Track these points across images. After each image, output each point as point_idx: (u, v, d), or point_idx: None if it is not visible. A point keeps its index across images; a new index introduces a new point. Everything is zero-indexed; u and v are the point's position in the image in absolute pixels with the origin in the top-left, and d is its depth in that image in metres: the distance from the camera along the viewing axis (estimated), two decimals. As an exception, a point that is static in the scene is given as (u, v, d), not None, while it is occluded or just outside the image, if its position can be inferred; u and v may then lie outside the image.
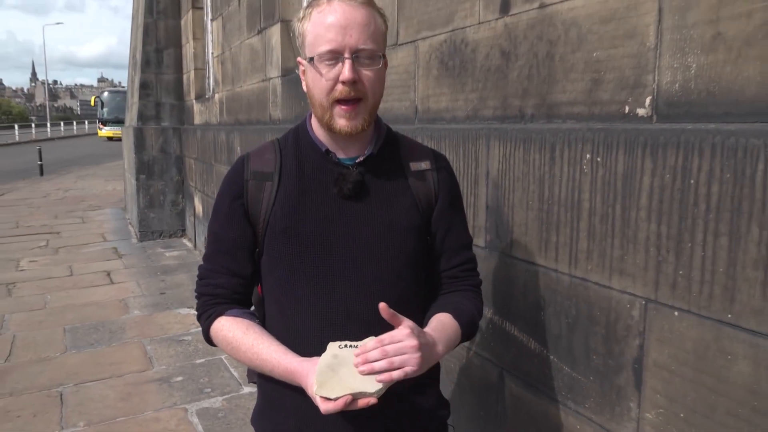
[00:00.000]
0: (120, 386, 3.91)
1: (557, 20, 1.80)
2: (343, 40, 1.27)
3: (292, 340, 1.36)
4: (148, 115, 8.96)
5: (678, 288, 1.43)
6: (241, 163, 1.44)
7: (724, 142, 1.30)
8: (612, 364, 1.64)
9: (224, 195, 1.43)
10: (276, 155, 1.42)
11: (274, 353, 1.31)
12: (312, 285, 1.37)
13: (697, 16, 1.38)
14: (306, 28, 1.32)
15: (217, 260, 1.42)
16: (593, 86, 1.69)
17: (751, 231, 1.25)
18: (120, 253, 7.86)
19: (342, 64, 1.27)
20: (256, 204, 1.39)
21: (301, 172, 1.39)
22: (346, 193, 1.36)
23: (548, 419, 1.90)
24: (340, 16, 1.27)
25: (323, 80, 1.30)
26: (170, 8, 8.96)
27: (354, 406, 1.15)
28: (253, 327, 1.38)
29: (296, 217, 1.36)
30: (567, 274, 1.78)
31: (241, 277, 1.42)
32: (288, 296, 1.39)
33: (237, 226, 1.41)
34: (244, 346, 1.35)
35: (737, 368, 1.30)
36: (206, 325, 1.42)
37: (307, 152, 1.41)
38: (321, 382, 1.16)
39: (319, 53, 1.28)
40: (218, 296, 1.41)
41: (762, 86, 1.26)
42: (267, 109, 5.05)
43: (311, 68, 1.31)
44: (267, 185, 1.39)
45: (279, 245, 1.38)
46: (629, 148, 1.54)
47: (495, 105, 2.12)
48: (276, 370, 1.31)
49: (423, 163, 1.47)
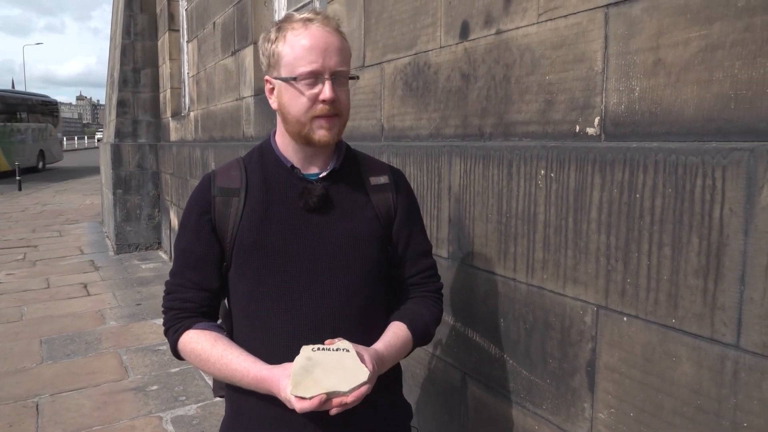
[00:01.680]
0: (96, 396, 3.80)
1: (513, 45, 1.83)
2: (324, 63, 1.29)
3: (260, 350, 1.33)
4: (125, 132, 8.82)
5: (626, 295, 1.45)
6: (207, 180, 1.42)
7: (666, 160, 1.33)
8: (567, 368, 1.65)
9: (191, 211, 1.41)
10: (242, 172, 1.41)
11: (243, 362, 1.29)
12: (279, 296, 1.36)
13: (640, 44, 1.42)
14: (281, 50, 1.31)
15: (185, 275, 1.40)
16: (546, 107, 1.72)
17: (691, 242, 1.28)
18: (97, 266, 7.69)
19: (322, 84, 1.29)
20: (223, 219, 1.37)
21: (267, 188, 1.39)
22: (312, 206, 1.36)
23: (508, 421, 1.91)
24: (320, 40, 1.29)
25: (303, 98, 1.30)
26: (147, 30, 8.87)
27: (328, 405, 1.17)
28: (221, 339, 1.36)
29: (263, 230, 1.35)
30: (524, 283, 1.80)
31: (208, 291, 1.40)
32: (256, 307, 1.38)
33: (205, 241, 1.38)
34: (213, 357, 1.32)
35: (681, 369, 1.33)
36: (174, 338, 1.38)
37: (273, 168, 1.41)
38: (296, 382, 1.16)
39: (300, 73, 1.29)
40: (186, 310, 1.38)
41: (699, 108, 1.30)
42: (240, 126, 5.01)
43: (289, 87, 1.31)
44: (234, 201, 1.38)
45: (247, 259, 1.36)
46: (580, 164, 1.57)
47: (456, 124, 2.14)
48: (245, 379, 1.29)
49: (381, 177, 1.48)
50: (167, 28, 8.01)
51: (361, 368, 1.20)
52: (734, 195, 1.19)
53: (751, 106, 1.19)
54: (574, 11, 1.60)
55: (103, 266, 7.67)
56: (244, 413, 1.42)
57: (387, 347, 1.38)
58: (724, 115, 1.25)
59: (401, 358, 1.45)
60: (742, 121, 1.21)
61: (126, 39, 8.77)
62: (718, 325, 1.24)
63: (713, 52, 1.26)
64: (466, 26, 2.05)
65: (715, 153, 1.23)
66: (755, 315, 1.17)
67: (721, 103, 1.25)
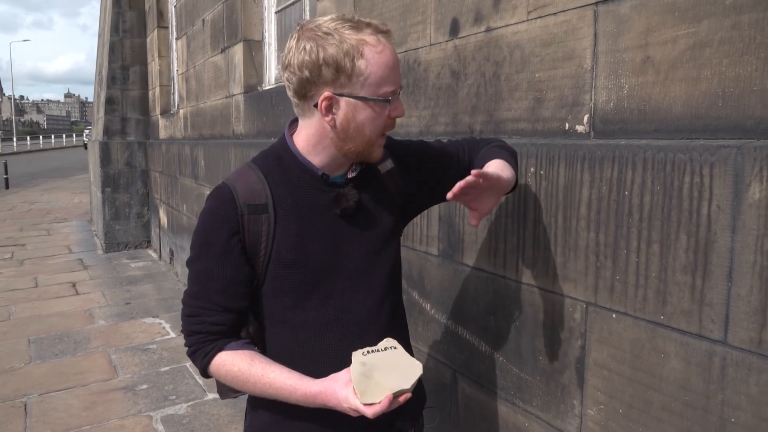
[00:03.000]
0: (85, 395, 3.78)
1: (503, 43, 1.84)
2: (399, 80, 1.26)
3: (307, 361, 1.31)
4: (113, 129, 8.76)
5: (615, 292, 1.46)
6: (229, 195, 1.29)
7: (654, 157, 1.34)
8: (556, 364, 1.66)
9: (216, 231, 1.29)
10: (264, 185, 1.30)
11: (288, 380, 1.26)
12: (326, 307, 1.33)
13: (628, 41, 1.42)
14: (363, 67, 1.19)
15: (211, 298, 1.30)
16: (536, 104, 1.72)
17: (679, 238, 1.29)
18: (85, 265, 7.64)
19: (395, 102, 1.26)
20: (255, 238, 1.29)
21: (296, 200, 1.31)
22: (349, 212, 1.32)
23: (498, 417, 1.91)
24: (395, 58, 1.24)
25: (383, 118, 1.25)
26: (136, 27, 8.81)
27: (396, 403, 1.17)
28: (257, 356, 1.31)
29: (302, 247, 1.30)
30: (514, 280, 1.80)
31: (236, 312, 1.33)
32: (300, 320, 1.33)
33: (234, 263, 1.29)
34: (253, 377, 1.27)
35: (670, 365, 1.34)
36: (205, 362, 1.32)
37: (299, 177, 1.32)
38: (362, 391, 1.16)
39: (385, 93, 1.22)
40: (215, 333, 1.31)
41: (687, 106, 1.30)
42: (230, 124, 4.99)
43: (367, 107, 1.22)
44: (263, 218, 1.29)
45: (286, 276, 1.31)
46: (569, 162, 1.57)
47: (446, 121, 2.14)
48: (293, 396, 1.25)
49: (387, 162, 1.44)
50: (156, 25, 7.96)
51: (413, 362, 1.22)
52: (722, 192, 1.20)
53: (738, 104, 1.20)
54: (563, 9, 1.61)
55: (92, 265, 7.62)
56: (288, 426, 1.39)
57: (497, 169, 1.37)
58: (712, 113, 1.25)
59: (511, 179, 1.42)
60: (730, 119, 1.22)
61: (114, 36, 8.71)
62: (705, 321, 1.25)
63: (701, 50, 1.26)
64: (456, 24, 2.05)
65: (703, 150, 1.23)
66: (742, 311, 1.18)
67: (709, 100, 1.25)
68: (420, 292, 2.30)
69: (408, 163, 1.48)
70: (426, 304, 2.27)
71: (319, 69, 1.18)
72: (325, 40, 1.18)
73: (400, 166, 1.46)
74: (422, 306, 2.30)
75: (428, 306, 2.26)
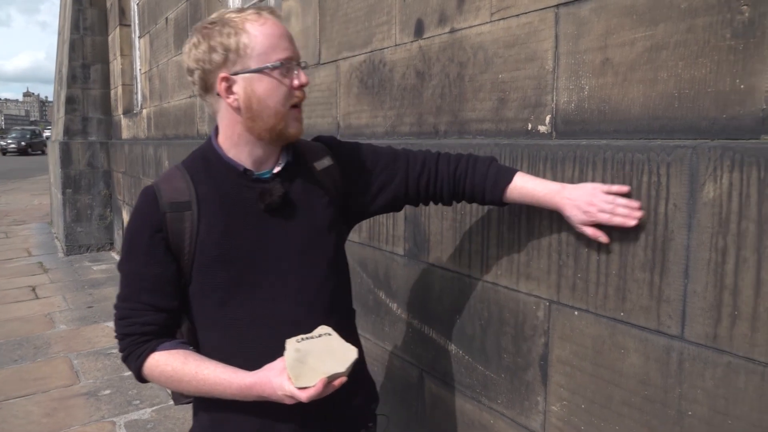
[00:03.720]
0: (45, 402, 3.68)
1: (466, 44, 1.85)
2: (294, 50, 1.28)
3: (237, 358, 1.29)
4: (74, 129, 8.54)
5: (577, 290, 1.48)
6: (152, 195, 1.31)
7: (614, 157, 1.36)
8: (521, 362, 1.68)
9: (140, 231, 1.31)
10: (188, 183, 1.32)
11: (222, 374, 1.25)
12: (255, 303, 1.32)
13: (588, 43, 1.45)
14: (247, 41, 1.23)
15: (140, 299, 1.30)
16: (499, 105, 1.74)
17: (638, 236, 1.32)
18: (46, 268, 7.43)
19: (294, 71, 1.28)
20: (178, 236, 1.29)
21: (220, 196, 1.32)
22: (273, 207, 1.32)
23: (465, 415, 1.92)
24: (283, 29, 1.28)
25: (283, 87, 1.26)
26: (97, 25, 8.60)
27: (331, 388, 1.17)
28: (191, 354, 1.30)
29: (226, 242, 1.30)
30: (479, 279, 1.82)
31: (167, 312, 1.32)
32: (230, 317, 1.32)
33: (160, 261, 1.29)
34: (187, 375, 1.26)
35: (630, 361, 1.36)
36: (138, 364, 1.30)
37: (223, 174, 1.33)
38: (296, 375, 1.17)
39: (279, 60, 1.24)
40: (147, 334, 1.30)
41: (645, 107, 1.33)
42: (195, 124, 4.92)
43: (264, 77, 1.25)
44: (187, 215, 1.29)
45: (213, 273, 1.30)
46: (532, 161, 1.59)
47: (411, 121, 2.14)
48: (228, 390, 1.24)
49: (324, 160, 1.44)
50: (118, 23, 7.80)
51: (348, 347, 1.23)
52: (678, 191, 1.23)
53: (693, 105, 1.23)
54: (525, 11, 1.62)
55: (53, 268, 7.42)
56: (221, 422, 1.37)
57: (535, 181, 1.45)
58: (668, 114, 1.28)
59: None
60: (686, 120, 1.25)
61: (75, 34, 8.49)
62: (663, 317, 1.28)
63: (658, 52, 1.29)
64: (420, 24, 2.06)
65: (660, 150, 1.26)
66: (698, 307, 1.21)
67: (666, 101, 1.28)
68: (386, 292, 2.31)
69: (349, 163, 1.48)
70: (392, 304, 2.28)
71: (210, 56, 1.24)
72: (210, 29, 1.25)
73: (340, 165, 1.47)
74: (389, 306, 2.30)
75: (394, 306, 2.26)
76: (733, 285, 1.15)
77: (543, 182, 1.44)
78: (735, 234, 1.14)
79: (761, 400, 1.12)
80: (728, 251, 1.15)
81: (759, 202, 1.10)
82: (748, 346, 1.13)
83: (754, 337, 1.12)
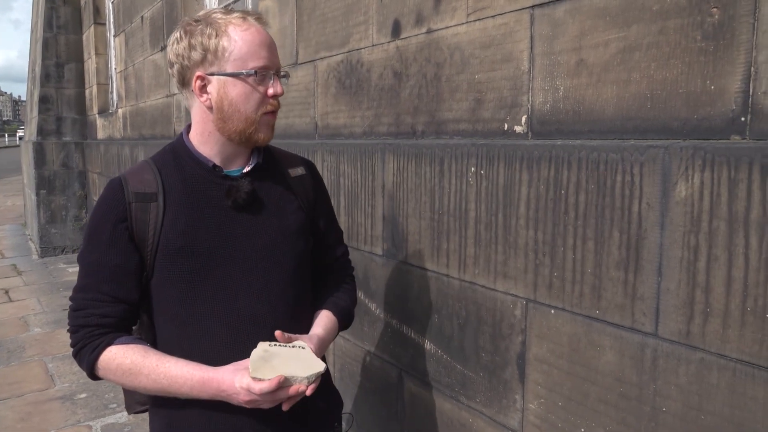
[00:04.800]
0: (20, 406, 3.61)
1: (443, 45, 1.85)
2: (272, 59, 1.30)
3: (196, 354, 1.28)
4: (48, 129, 8.39)
5: (553, 288, 1.49)
6: (118, 185, 1.31)
7: (588, 157, 1.38)
8: (498, 360, 1.69)
9: (103, 220, 1.29)
10: (155, 175, 1.32)
11: (184, 367, 1.24)
12: (215, 299, 1.31)
13: (563, 44, 1.46)
14: (226, 44, 1.25)
15: (100, 288, 1.28)
16: (476, 105, 1.75)
17: (612, 235, 1.33)
18: (19, 270, 7.29)
19: (270, 80, 1.29)
20: (142, 227, 1.28)
21: (187, 190, 1.32)
22: (240, 204, 1.32)
23: (444, 414, 1.93)
24: (265, 37, 1.29)
25: (257, 94, 1.28)
26: (71, 23, 8.45)
27: (285, 393, 1.18)
28: (150, 350, 1.28)
29: (190, 235, 1.29)
30: (457, 279, 1.82)
31: (127, 304, 1.30)
32: (190, 312, 1.31)
33: (122, 251, 1.28)
34: (147, 369, 1.24)
35: (605, 358, 1.38)
36: (92, 357, 1.27)
37: (191, 169, 1.34)
38: (255, 368, 1.17)
39: (254, 68, 1.26)
40: (104, 326, 1.28)
41: (618, 107, 1.34)
42: (171, 124, 4.86)
43: (238, 82, 1.27)
44: (152, 206, 1.29)
45: (174, 265, 1.29)
46: (509, 161, 1.60)
47: (389, 122, 2.14)
48: (188, 383, 1.23)
49: (299, 168, 1.49)
50: (92, 22, 7.68)
51: (317, 361, 1.23)
52: (651, 190, 1.25)
53: (665, 106, 1.25)
54: (501, 12, 1.63)
55: (27, 270, 7.29)
56: (179, 426, 1.35)
57: (326, 332, 1.42)
58: (641, 114, 1.30)
59: (330, 341, 1.50)
60: (658, 120, 1.27)
61: (48, 32, 8.34)
62: (638, 315, 1.29)
63: (631, 54, 1.31)
64: (397, 25, 2.06)
65: (633, 150, 1.28)
66: (671, 305, 1.22)
67: (639, 102, 1.30)
68: (365, 292, 2.30)
69: (319, 187, 1.54)
70: (371, 304, 2.27)
71: (189, 53, 1.27)
72: (194, 27, 1.27)
73: (314, 182, 1.52)
74: (367, 306, 2.29)
75: (373, 306, 2.26)
76: (704, 282, 1.17)
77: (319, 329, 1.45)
78: (707, 232, 1.16)
79: (733, 395, 1.14)
80: (700, 249, 1.17)
81: (729, 201, 1.12)
82: (720, 342, 1.15)
83: (726, 333, 1.14)
